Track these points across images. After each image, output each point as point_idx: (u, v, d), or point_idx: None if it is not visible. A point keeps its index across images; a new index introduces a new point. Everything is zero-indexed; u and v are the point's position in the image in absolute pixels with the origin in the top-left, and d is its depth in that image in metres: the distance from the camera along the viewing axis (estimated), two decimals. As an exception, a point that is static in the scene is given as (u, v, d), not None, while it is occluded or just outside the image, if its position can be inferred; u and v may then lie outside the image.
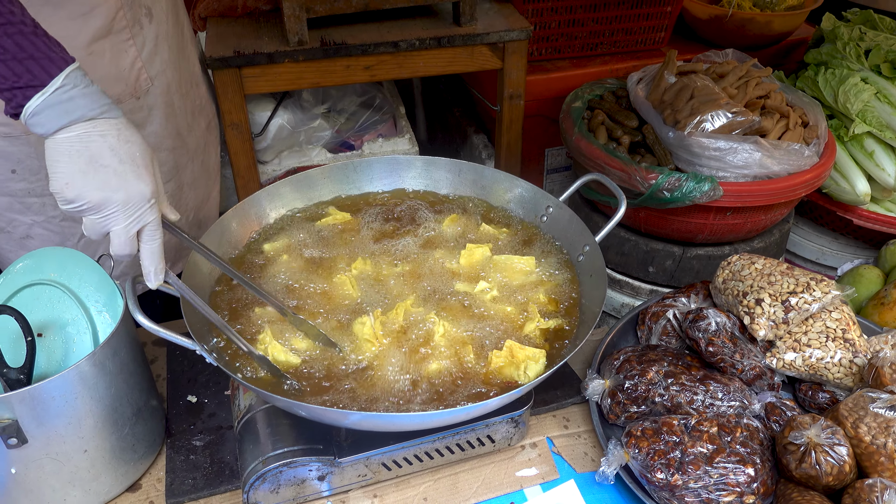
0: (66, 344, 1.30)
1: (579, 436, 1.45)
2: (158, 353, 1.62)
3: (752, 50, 2.34)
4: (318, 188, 1.58)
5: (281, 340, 1.26)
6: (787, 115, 1.89)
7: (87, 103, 0.99)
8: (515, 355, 1.22)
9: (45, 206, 1.60)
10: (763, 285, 1.48)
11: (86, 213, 1.01)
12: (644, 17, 2.49)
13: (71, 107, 0.98)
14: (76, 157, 0.99)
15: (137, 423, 1.29)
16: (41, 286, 1.31)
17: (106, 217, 1.02)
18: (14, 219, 1.61)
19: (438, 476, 1.34)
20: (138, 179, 1.03)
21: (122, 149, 1.02)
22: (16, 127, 1.46)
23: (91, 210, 1.01)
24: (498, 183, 1.58)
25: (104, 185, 1.00)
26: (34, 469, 1.17)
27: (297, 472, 1.21)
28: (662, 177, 1.73)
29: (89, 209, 1.01)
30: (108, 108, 1.02)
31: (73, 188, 0.99)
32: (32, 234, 1.64)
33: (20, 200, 1.58)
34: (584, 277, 1.41)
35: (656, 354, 1.46)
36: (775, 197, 1.77)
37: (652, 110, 1.92)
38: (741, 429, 1.30)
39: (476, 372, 1.23)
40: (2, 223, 1.61)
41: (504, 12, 2.19)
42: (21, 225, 1.62)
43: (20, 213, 1.60)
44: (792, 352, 1.44)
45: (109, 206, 1.01)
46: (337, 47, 1.96)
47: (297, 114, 2.28)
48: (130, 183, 1.02)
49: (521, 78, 2.17)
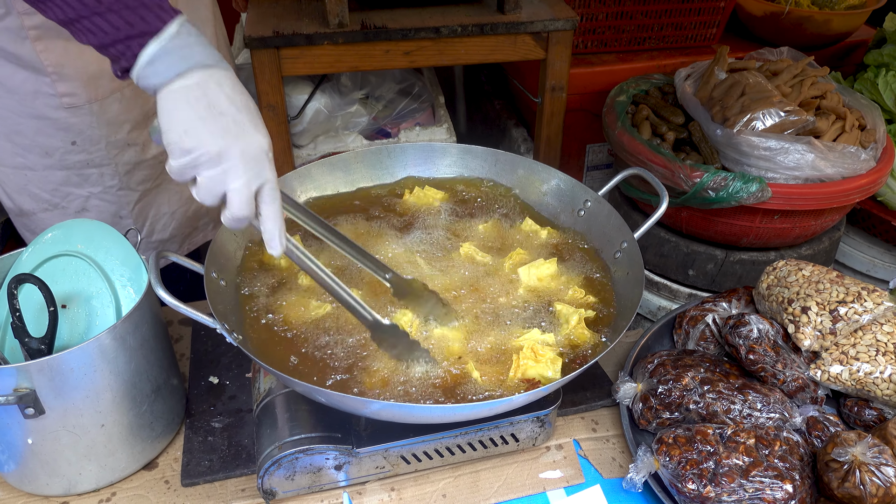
0: (89, 316, 1.29)
1: (608, 440, 1.40)
2: (184, 332, 1.61)
3: (808, 50, 2.25)
4: (351, 172, 1.55)
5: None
6: (844, 117, 1.80)
7: (202, 51, 0.96)
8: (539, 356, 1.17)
9: (102, 177, 1.60)
10: (810, 293, 1.41)
11: (202, 166, 0.95)
12: (695, 13, 2.41)
13: (188, 53, 0.95)
14: (194, 103, 0.94)
15: (156, 401, 1.27)
16: (68, 257, 1.30)
17: (225, 171, 0.95)
18: (70, 192, 1.61)
19: (459, 473, 1.30)
20: (256, 130, 0.98)
21: (238, 99, 0.98)
22: (79, 97, 1.46)
23: (209, 162, 0.94)
24: (534, 173, 1.53)
25: (224, 132, 0.95)
26: (50, 440, 1.16)
27: (313, 460, 1.18)
28: (708, 175, 1.66)
29: (207, 161, 0.94)
30: (220, 60, 0.99)
31: (193, 136, 0.93)
32: (88, 206, 1.64)
33: (78, 172, 1.59)
34: (620, 275, 1.36)
35: (693, 360, 1.39)
36: (827, 201, 1.69)
37: (700, 107, 1.85)
38: (780, 442, 1.24)
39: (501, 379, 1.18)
40: (57, 198, 1.62)
41: (549, 1, 2.14)
42: (77, 198, 1.62)
43: (77, 186, 1.61)
44: (838, 364, 1.36)
45: (229, 158, 0.95)
46: (377, 31, 1.93)
47: (334, 98, 2.25)
48: (249, 133, 0.97)
49: (564, 69, 2.11)
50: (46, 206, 1.62)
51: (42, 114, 1.47)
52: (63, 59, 1.41)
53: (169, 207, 1.75)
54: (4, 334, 1.27)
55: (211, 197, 0.97)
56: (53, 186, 1.59)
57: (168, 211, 1.76)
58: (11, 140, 1.50)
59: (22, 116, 1.47)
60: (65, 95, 1.45)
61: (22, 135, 1.49)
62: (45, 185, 1.58)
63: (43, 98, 1.44)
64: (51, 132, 1.50)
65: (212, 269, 1.23)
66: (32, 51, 1.38)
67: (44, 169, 1.55)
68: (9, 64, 1.38)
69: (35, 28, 1.35)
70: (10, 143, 1.51)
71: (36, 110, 1.46)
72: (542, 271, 1.36)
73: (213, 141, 0.94)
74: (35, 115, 1.47)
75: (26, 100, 1.44)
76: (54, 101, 1.45)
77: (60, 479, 1.22)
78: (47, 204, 1.61)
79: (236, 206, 0.97)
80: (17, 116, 1.46)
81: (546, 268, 1.36)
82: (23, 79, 1.41)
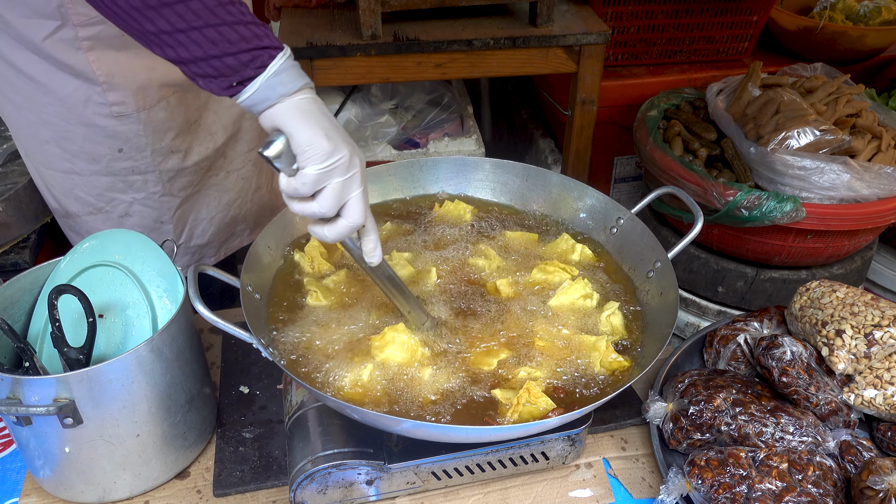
0: (125, 326, 1.30)
1: (637, 459, 1.39)
2: (214, 341, 1.62)
3: (840, 65, 2.23)
4: (383, 183, 1.56)
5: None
6: (880, 136, 1.78)
7: (304, 73, 1.02)
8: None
9: (146, 183, 1.63)
10: (845, 315, 1.39)
11: (337, 171, 0.98)
12: (727, 26, 2.40)
13: (301, 72, 1.00)
14: (323, 114, 0.99)
15: (190, 411, 1.29)
16: (105, 267, 1.32)
17: (352, 177, 1.00)
18: (115, 198, 1.64)
19: (488, 490, 1.30)
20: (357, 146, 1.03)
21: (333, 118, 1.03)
22: (128, 105, 1.49)
23: (342, 167, 0.98)
24: (568, 191, 1.53)
25: (347, 140, 1.00)
26: (87, 450, 1.18)
27: (345, 475, 1.18)
28: (741, 194, 1.65)
29: (342, 165, 0.98)
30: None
31: (333, 140, 0.97)
32: (131, 211, 1.67)
33: (123, 179, 1.61)
34: (653, 295, 1.35)
35: (724, 380, 1.38)
36: (862, 222, 1.67)
37: (732, 123, 1.84)
38: (814, 467, 1.22)
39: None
40: (101, 203, 1.65)
41: (582, 14, 2.13)
42: (121, 203, 1.65)
43: (121, 192, 1.64)
44: (872, 388, 1.35)
45: (354, 164, 1.00)
46: (409, 43, 1.94)
47: (364, 108, 2.26)
48: (356, 145, 1.02)
49: (595, 83, 2.11)
50: (91, 210, 1.65)
51: (91, 122, 1.49)
52: (114, 69, 1.43)
53: (207, 213, 1.78)
54: (42, 342, 1.29)
55: (337, 205, 1.00)
56: (99, 191, 1.61)
57: (206, 216, 1.78)
58: (60, 146, 1.53)
59: (71, 124, 1.49)
60: (114, 104, 1.48)
61: (71, 141, 1.52)
62: (90, 189, 1.61)
63: (93, 107, 1.47)
64: (99, 139, 1.53)
65: (247, 282, 1.24)
66: (85, 61, 1.41)
67: (90, 174, 1.58)
68: (61, 73, 1.41)
69: (89, 39, 1.38)
70: (58, 149, 1.54)
71: (86, 118, 1.49)
72: (570, 295, 1.35)
73: (346, 147, 0.99)
74: (84, 122, 1.49)
75: (76, 108, 1.47)
76: (104, 109, 1.48)
77: (95, 486, 1.24)
78: (92, 208, 1.64)
79: (357, 213, 1.02)
80: (66, 123, 1.49)
81: (575, 290, 1.35)
82: (74, 88, 1.43)
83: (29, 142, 1.57)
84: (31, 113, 1.49)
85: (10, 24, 1.35)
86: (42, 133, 1.52)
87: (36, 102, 1.47)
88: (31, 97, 1.46)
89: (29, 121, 1.51)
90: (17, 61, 1.41)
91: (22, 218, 1.74)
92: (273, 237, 1.37)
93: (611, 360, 1.24)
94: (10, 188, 1.71)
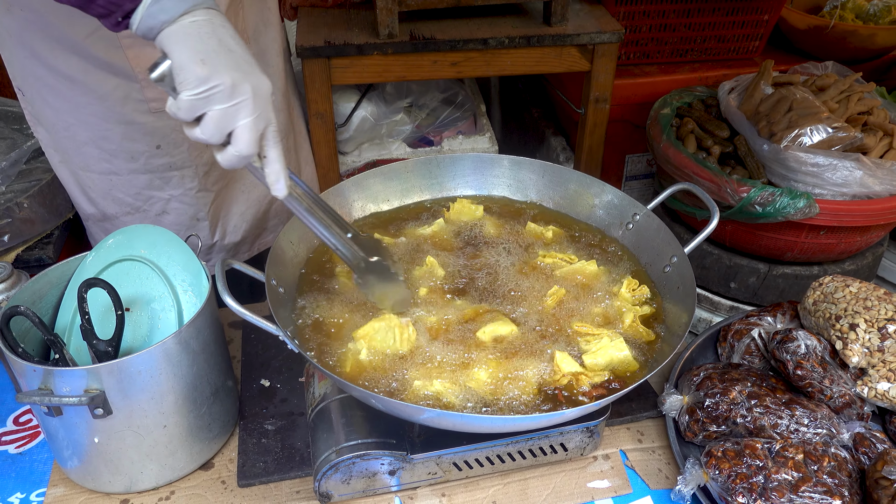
0: (151, 319, 1.33)
1: (654, 451, 1.41)
2: (234, 335, 1.65)
3: (850, 63, 2.24)
4: (402, 180, 1.58)
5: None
6: (892, 134, 1.79)
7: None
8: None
9: (183, 179, 1.65)
10: (858, 310, 1.41)
11: (215, 98, 0.94)
12: (739, 25, 2.41)
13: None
14: (207, 37, 0.95)
15: (214, 403, 1.31)
16: (131, 262, 1.34)
17: (237, 105, 0.95)
18: (152, 196, 1.67)
19: (508, 480, 1.32)
20: (262, 73, 0.99)
21: (240, 40, 0.99)
22: (165, 101, 1.51)
23: (222, 94, 0.94)
24: (585, 187, 1.55)
25: (236, 66, 0.95)
26: (116, 440, 1.20)
27: (369, 465, 1.20)
28: (755, 190, 1.66)
29: (221, 93, 0.94)
30: (215, 3, 1.00)
31: (210, 65, 0.93)
32: (168, 209, 1.69)
33: (160, 175, 1.64)
34: (670, 290, 1.37)
35: (739, 374, 1.40)
36: (875, 218, 1.69)
37: (745, 121, 1.86)
38: (829, 458, 1.24)
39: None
40: (139, 202, 1.67)
41: (595, 13, 2.15)
42: (158, 201, 1.68)
43: (159, 189, 1.66)
44: (886, 381, 1.36)
45: (241, 92, 0.95)
46: (426, 42, 1.96)
47: (380, 106, 2.28)
48: (256, 72, 0.98)
49: (608, 81, 2.13)
50: (129, 210, 1.67)
51: (130, 119, 1.52)
52: None
53: (238, 208, 1.80)
54: (70, 335, 1.32)
55: (219, 133, 0.97)
56: (137, 190, 1.64)
57: (238, 212, 1.80)
58: (99, 146, 1.56)
59: (110, 122, 1.52)
60: (152, 100, 1.50)
61: (109, 140, 1.55)
62: (129, 189, 1.64)
63: (132, 104, 1.49)
64: (137, 136, 1.55)
65: (272, 276, 1.26)
66: (125, 57, 1.43)
67: (129, 173, 1.61)
68: (101, 72, 1.43)
69: (129, 36, 1.40)
70: (97, 149, 1.57)
71: (124, 116, 1.51)
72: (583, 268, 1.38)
73: (229, 73, 0.94)
74: (123, 120, 1.52)
75: (116, 106, 1.49)
76: (143, 105, 1.50)
77: (123, 477, 1.26)
78: (130, 207, 1.67)
79: (244, 143, 0.97)
80: (105, 122, 1.52)
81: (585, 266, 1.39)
82: (114, 85, 1.46)
83: (67, 144, 1.59)
84: (70, 115, 1.51)
85: (53, 24, 1.38)
86: (80, 135, 1.54)
87: (75, 104, 1.49)
88: (70, 98, 1.48)
89: (67, 123, 1.53)
90: (57, 63, 1.44)
91: (46, 214, 1.77)
92: (296, 232, 1.39)
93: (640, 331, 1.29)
94: (34, 185, 1.74)
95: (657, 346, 1.30)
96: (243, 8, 1.62)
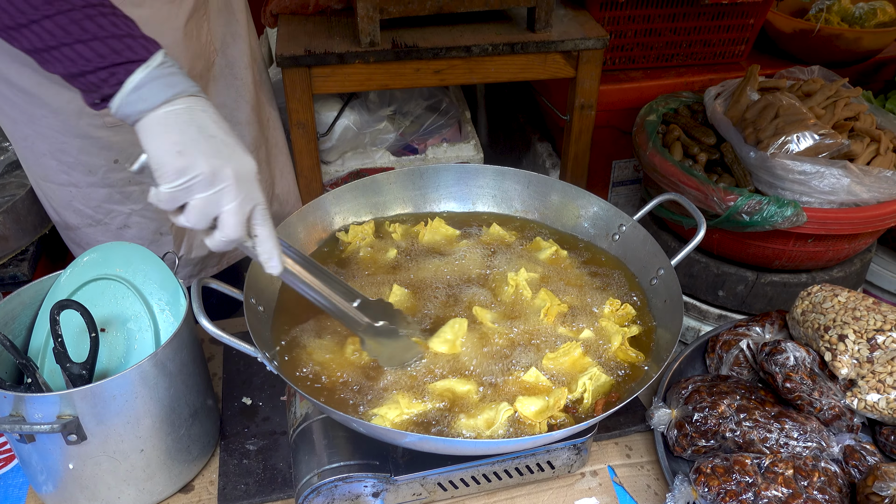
0: (128, 340, 1.30)
1: (642, 466, 1.39)
2: (215, 352, 1.62)
3: (837, 66, 2.23)
4: (383, 194, 1.55)
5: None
6: (878, 139, 1.78)
7: (184, 80, 0.97)
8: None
9: (144, 194, 1.62)
10: (847, 320, 1.39)
11: (196, 187, 0.93)
12: (724, 29, 2.40)
13: (173, 81, 0.95)
14: (185, 126, 0.94)
15: (193, 425, 1.28)
16: (106, 281, 1.31)
17: (219, 192, 0.94)
18: (112, 209, 1.64)
19: (495, 499, 1.30)
20: (245, 153, 0.98)
21: (222, 124, 0.98)
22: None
23: (203, 183, 0.93)
24: (570, 198, 1.53)
25: (216, 153, 0.94)
26: (91, 466, 1.17)
27: (352, 488, 1.18)
28: (742, 199, 1.65)
29: (201, 182, 0.93)
30: (200, 90, 0.99)
31: (187, 156, 0.92)
32: (130, 223, 1.67)
33: (120, 190, 1.61)
34: (657, 303, 1.35)
35: (728, 386, 1.39)
36: (863, 226, 1.67)
37: (731, 128, 1.84)
38: (819, 473, 1.23)
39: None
40: (100, 214, 1.64)
41: (580, 19, 2.13)
42: (119, 215, 1.65)
43: (119, 204, 1.63)
44: (875, 393, 1.35)
45: (222, 179, 0.94)
46: (408, 50, 1.93)
47: (363, 115, 2.26)
48: (240, 155, 0.97)
49: (594, 88, 2.11)
50: (90, 222, 1.64)
51: (86, 133, 1.49)
52: None
53: None
54: (44, 357, 1.28)
55: (204, 220, 0.96)
56: (97, 203, 1.61)
57: None
58: (57, 158, 1.53)
59: (66, 135, 1.49)
60: (107, 115, 1.47)
61: (66, 153, 1.52)
62: (88, 201, 1.60)
63: (87, 118, 1.46)
64: (94, 151, 1.52)
65: (251, 295, 1.23)
66: None
67: (87, 186, 1.58)
68: (54, 85, 1.40)
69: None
70: (55, 161, 1.54)
71: (80, 129, 1.48)
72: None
73: (207, 161, 0.93)
74: (79, 134, 1.49)
75: (71, 119, 1.46)
76: (97, 120, 1.47)
77: (99, 502, 1.23)
78: (90, 220, 1.64)
79: (230, 228, 0.97)
80: (61, 135, 1.49)
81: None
82: (67, 99, 1.43)
83: (27, 154, 1.56)
84: (27, 126, 1.48)
85: None
86: (38, 146, 1.51)
87: (31, 115, 1.46)
88: (26, 110, 1.45)
89: (25, 134, 1.50)
90: (11, 75, 1.40)
91: (20, 230, 1.73)
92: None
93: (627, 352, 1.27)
94: (9, 200, 1.70)
95: (644, 365, 1.27)
96: (208, 21, 1.60)
